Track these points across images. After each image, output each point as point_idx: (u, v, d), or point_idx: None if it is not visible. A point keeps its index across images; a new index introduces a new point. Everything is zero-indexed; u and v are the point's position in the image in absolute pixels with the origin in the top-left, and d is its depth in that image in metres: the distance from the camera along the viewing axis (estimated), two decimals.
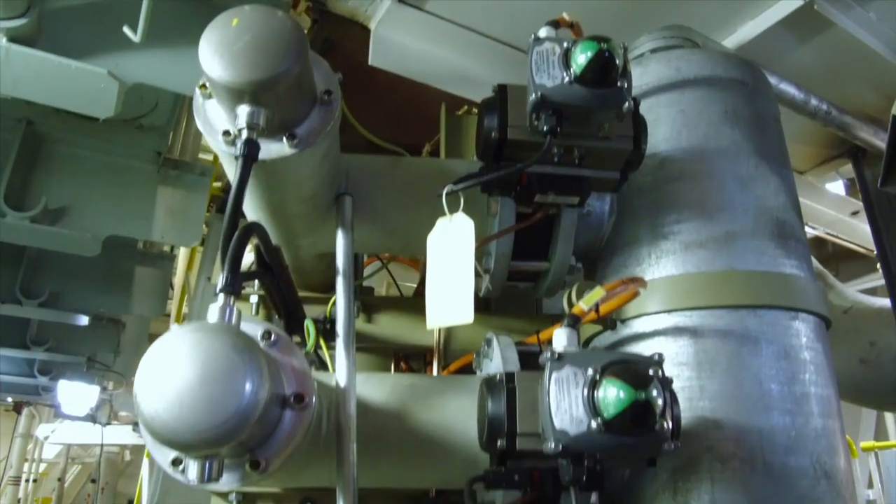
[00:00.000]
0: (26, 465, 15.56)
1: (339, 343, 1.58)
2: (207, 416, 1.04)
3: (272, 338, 1.30)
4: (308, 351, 1.78)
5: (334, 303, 1.76)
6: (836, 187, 4.97)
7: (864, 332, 4.08)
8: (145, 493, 4.11)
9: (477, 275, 1.96)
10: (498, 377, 1.44)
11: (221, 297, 1.19)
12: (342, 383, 1.53)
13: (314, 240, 1.93)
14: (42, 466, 16.37)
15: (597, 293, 1.42)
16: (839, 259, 6.36)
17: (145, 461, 5.02)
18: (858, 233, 5.24)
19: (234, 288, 1.20)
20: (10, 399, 11.14)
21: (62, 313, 4.73)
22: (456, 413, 1.67)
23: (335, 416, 1.56)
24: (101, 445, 12.46)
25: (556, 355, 1.32)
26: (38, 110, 3.44)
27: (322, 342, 2.11)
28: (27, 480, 15.40)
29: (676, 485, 1.63)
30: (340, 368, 1.55)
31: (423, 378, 1.93)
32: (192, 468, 1.12)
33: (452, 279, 1.52)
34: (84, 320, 4.85)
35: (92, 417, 10.59)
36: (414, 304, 2.47)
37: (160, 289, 5.14)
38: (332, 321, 1.79)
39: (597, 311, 1.42)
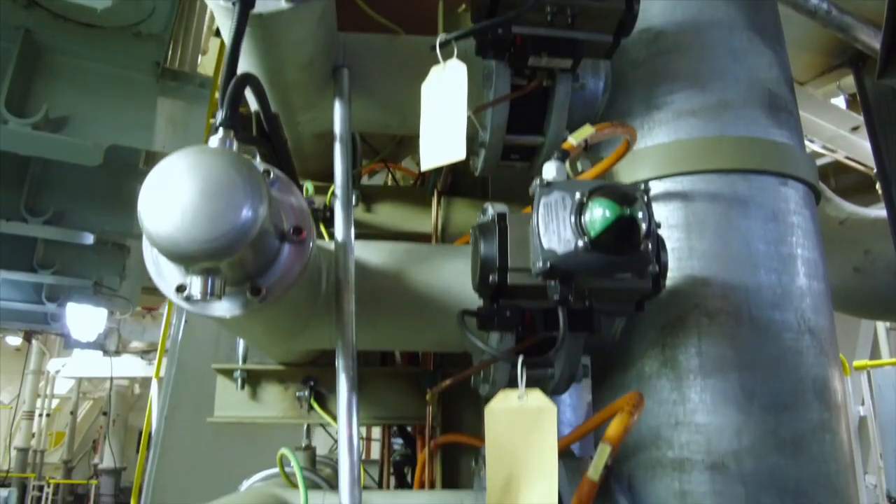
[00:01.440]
0: (39, 401, 15.93)
1: (338, 203, 1.62)
2: (209, 227, 1.08)
3: (271, 176, 1.33)
4: None
5: (333, 192, 1.79)
6: (837, 103, 4.94)
7: (859, 242, 4.13)
8: (154, 422, 4.23)
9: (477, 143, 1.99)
10: (490, 218, 1.47)
11: (221, 130, 1.23)
12: (340, 238, 1.57)
13: (313, 115, 1.95)
14: (55, 402, 16.73)
15: (586, 129, 1.45)
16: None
17: (153, 391, 5.15)
18: (858, 149, 5.24)
19: (233, 123, 1.24)
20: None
21: (67, 231, 4.79)
22: (452, 275, 1.73)
23: (334, 276, 1.62)
24: (111, 378, 12.73)
25: (546, 182, 1.36)
26: (35, 18, 3.43)
27: (322, 228, 2.16)
28: (40, 415, 15.78)
29: (665, 340, 1.69)
30: (338, 226, 1.59)
31: (421, 245, 1.98)
32: (196, 285, 1.17)
33: (445, 119, 1.51)
34: (89, 238, 4.92)
35: (100, 346, 10.80)
36: (412, 193, 2.51)
37: None
38: (332, 209, 1.83)
39: (586, 146, 1.45)
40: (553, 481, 1.28)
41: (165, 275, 1.25)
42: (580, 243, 1.28)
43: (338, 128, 1.72)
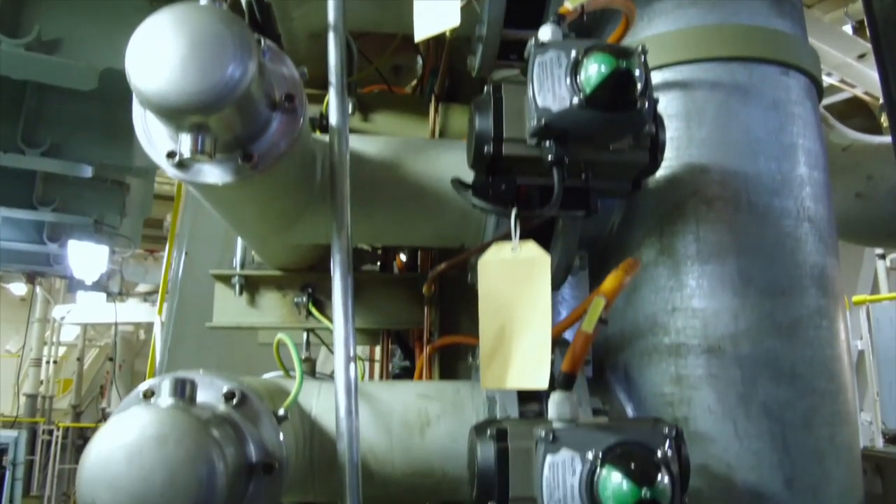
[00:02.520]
0: (45, 349, 16.10)
1: (331, 88, 1.59)
2: (197, 79, 1.06)
3: (262, 45, 1.30)
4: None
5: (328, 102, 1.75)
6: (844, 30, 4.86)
7: (861, 167, 4.09)
8: (158, 362, 4.27)
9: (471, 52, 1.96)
10: (485, 91, 1.43)
11: None
12: (334, 122, 1.55)
13: (306, 10, 1.92)
14: (61, 350, 16.92)
15: None
16: None
17: (157, 332, 5.19)
18: (864, 78, 5.17)
19: None
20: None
21: (65, 163, 4.76)
22: (449, 167, 1.71)
23: (329, 164, 1.60)
24: (116, 324, 12.83)
25: (541, 42, 1.32)
26: None
27: (317, 131, 2.13)
28: (47, 362, 15.96)
29: (662, 228, 1.68)
30: (332, 109, 1.57)
31: (418, 138, 1.96)
32: (185, 143, 1.14)
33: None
34: (88, 171, 4.89)
35: (104, 288, 10.86)
36: (410, 101, 2.48)
37: None
38: (327, 117, 1.79)
39: (581, 13, 1.42)
40: (546, 330, 1.27)
41: (156, 142, 1.23)
42: (575, 100, 1.25)
43: (331, 16, 1.68)
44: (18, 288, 18.03)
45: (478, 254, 1.65)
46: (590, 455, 1.14)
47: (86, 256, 6.43)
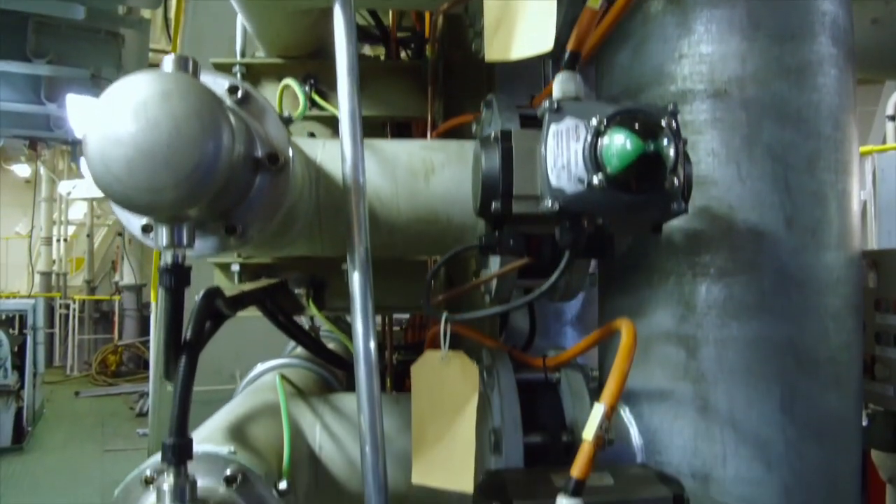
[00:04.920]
0: (55, 228, 16.29)
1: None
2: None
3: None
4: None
5: None
6: None
7: None
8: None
9: None
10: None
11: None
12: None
13: None
14: (70, 229, 17.12)
15: None
16: None
17: None
18: None
19: None
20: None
21: (55, 2, 4.64)
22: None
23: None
24: None
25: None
26: None
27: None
28: (58, 240, 16.20)
29: None
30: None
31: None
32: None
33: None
34: (80, 12, 4.76)
35: None
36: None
37: None
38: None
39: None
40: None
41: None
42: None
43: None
44: (22, 169, 18.06)
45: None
46: (594, 121, 1.14)
47: (85, 112, 6.35)
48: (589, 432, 1.16)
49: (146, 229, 1.13)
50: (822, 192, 1.58)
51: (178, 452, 1.05)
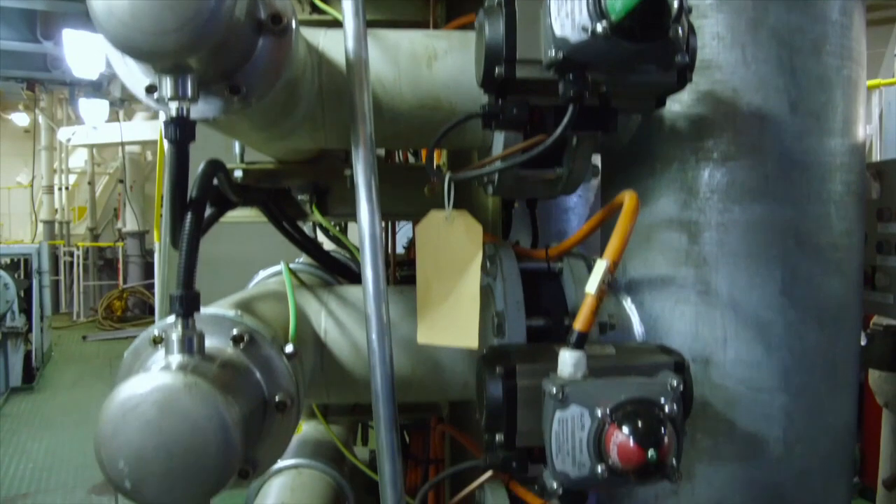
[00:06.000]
0: (56, 177, 16.26)
1: None
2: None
3: None
4: None
5: None
6: None
7: None
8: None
9: None
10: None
11: None
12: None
13: None
14: (72, 178, 17.09)
15: None
16: None
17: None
18: None
19: None
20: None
21: None
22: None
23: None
24: (122, 143, 12.86)
25: None
26: None
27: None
28: (59, 189, 16.18)
29: None
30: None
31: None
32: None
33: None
34: None
35: (107, 94, 10.78)
36: None
37: None
38: None
39: None
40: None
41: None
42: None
43: None
44: (21, 118, 17.95)
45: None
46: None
47: (82, 48, 6.28)
48: (592, 286, 1.18)
49: (150, 90, 1.12)
50: (828, 77, 1.57)
51: (186, 304, 1.06)
